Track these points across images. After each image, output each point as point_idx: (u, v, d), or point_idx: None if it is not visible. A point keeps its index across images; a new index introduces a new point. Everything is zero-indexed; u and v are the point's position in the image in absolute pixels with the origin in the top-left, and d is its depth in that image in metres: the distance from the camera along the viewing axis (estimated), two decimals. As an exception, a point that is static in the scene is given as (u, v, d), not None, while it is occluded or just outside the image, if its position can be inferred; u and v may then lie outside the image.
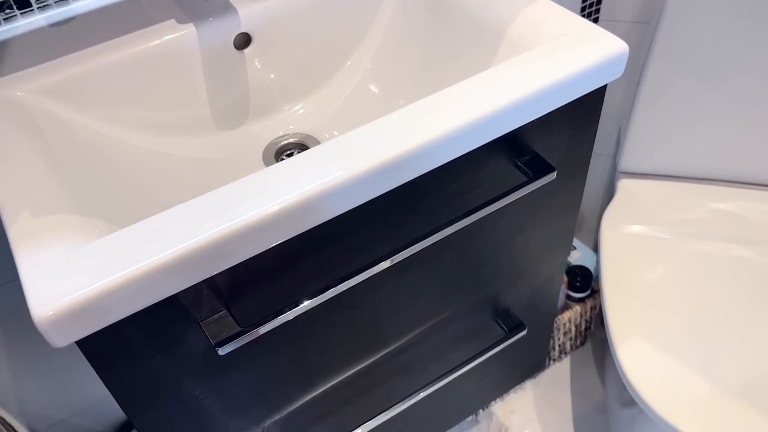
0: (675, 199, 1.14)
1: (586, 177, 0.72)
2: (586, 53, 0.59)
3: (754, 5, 0.94)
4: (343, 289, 0.56)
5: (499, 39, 0.65)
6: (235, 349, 0.56)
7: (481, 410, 1.34)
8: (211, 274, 0.48)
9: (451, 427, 0.96)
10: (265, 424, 0.68)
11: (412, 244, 0.58)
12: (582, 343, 1.45)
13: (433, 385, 0.78)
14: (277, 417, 0.68)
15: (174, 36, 0.68)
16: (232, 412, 0.63)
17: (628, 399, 1.28)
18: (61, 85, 0.65)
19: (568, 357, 1.44)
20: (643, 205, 1.14)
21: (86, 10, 0.66)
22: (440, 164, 0.55)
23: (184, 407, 0.58)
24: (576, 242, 1.43)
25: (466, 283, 0.73)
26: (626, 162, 1.17)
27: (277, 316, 0.54)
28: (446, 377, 0.78)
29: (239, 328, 0.53)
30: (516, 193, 0.62)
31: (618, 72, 0.62)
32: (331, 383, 0.70)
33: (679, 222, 1.11)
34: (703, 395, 0.91)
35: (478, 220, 0.66)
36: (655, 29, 1.02)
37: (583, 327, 1.38)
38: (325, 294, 0.55)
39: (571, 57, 0.58)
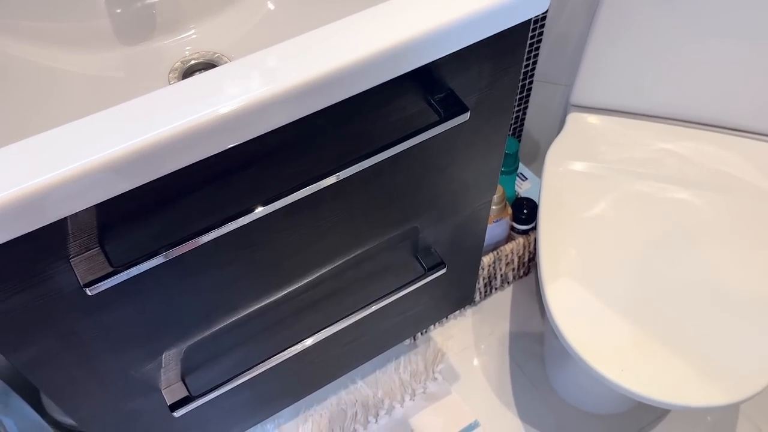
0: (623, 136, 1.11)
1: (510, 118, 0.68)
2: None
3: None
4: (233, 228, 0.53)
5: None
6: (111, 288, 0.54)
7: (420, 335, 1.35)
8: (80, 209, 0.45)
9: (378, 355, 0.96)
10: (162, 357, 0.66)
11: (311, 183, 0.55)
12: (525, 273, 1.45)
13: (348, 319, 0.77)
14: (174, 350, 0.67)
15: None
16: (120, 348, 0.61)
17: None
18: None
19: (511, 286, 1.45)
20: (590, 141, 1.11)
21: None
22: (346, 96, 0.50)
23: (64, 344, 0.56)
24: (528, 172, 1.41)
25: (380, 221, 0.70)
26: (577, 94, 1.12)
27: (154, 256, 0.50)
28: (361, 312, 0.77)
29: (111, 268, 0.50)
30: (426, 133, 0.58)
31: (542, 6, 0.57)
32: (232, 319, 0.68)
33: (624, 160, 1.08)
34: (625, 336, 0.91)
35: (389, 158, 0.62)
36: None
37: (526, 258, 1.38)
38: (211, 232, 0.52)
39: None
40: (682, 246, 0.99)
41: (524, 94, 1.39)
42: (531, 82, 1.37)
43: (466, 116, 0.59)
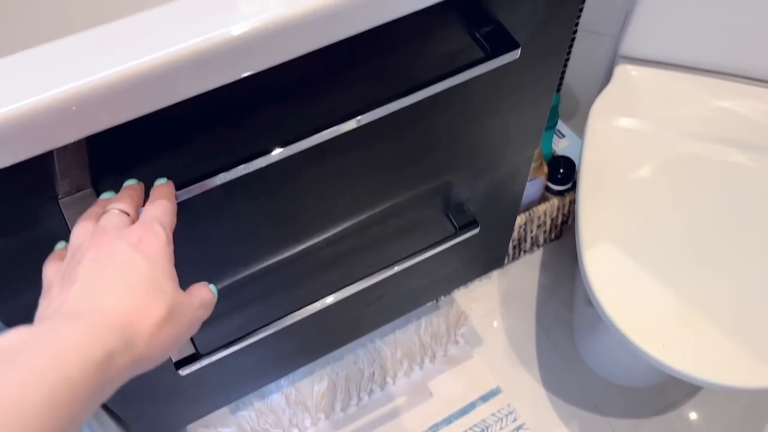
0: (676, 92, 1.01)
1: (564, 61, 0.60)
2: None
3: None
4: (246, 171, 0.47)
5: None
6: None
7: (443, 297, 1.29)
8: (73, 140, 0.38)
9: (400, 317, 0.91)
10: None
11: (336, 123, 0.48)
12: (557, 237, 1.38)
13: (371, 278, 0.71)
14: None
15: None
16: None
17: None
18: None
19: (541, 249, 1.38)
20: (639, 96, 1.02)
21: None
22: (378, 23, 0.43)
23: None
24: (566, 129, 1.32)
25: (411, 173, 0.63)
26: (627, 45, 1.03)
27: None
28: (385, 271, 0.71)
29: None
30: (470, 71, 0.50)
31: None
32: (245, 273, 0.62)
33: (676, 118, 0.99)
34: (668, 309, 0.84)
35: (426, 100, 0.54)
36: None
37: (559, 221, 1.30)
38: (221, 175, 0.46)
39: None
40: (736, 215, 0.91)
41: (566, 54, 1.29)
42: (575, 32, 1.27)
43: (517, 54, 0.51)
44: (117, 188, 0.44)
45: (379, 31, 0.46)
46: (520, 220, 1.22)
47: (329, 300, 0.70)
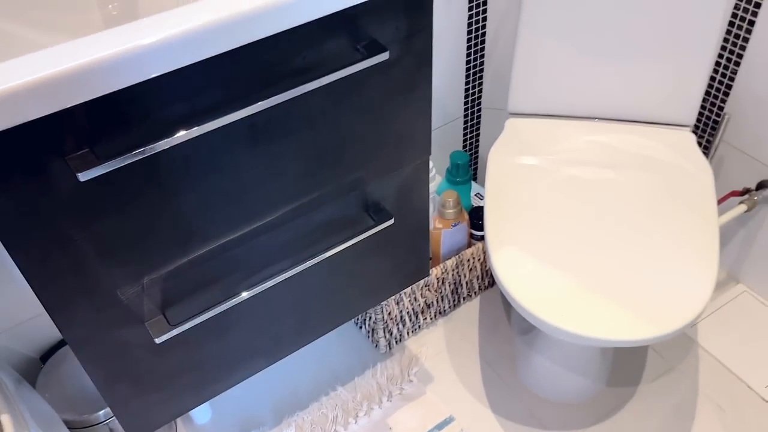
0: (553, 133, 1.26)
1: (431, 71, 0.84)
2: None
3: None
4: (189, 137, 0.67)
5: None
6: (98, 185, 0.66)
7: (395, 343, 1.44)
8: (73, 103, 0.58)
9: (342, 323, 1.06)
10: (144, 281, 0.77)
11: (248, 105, 0.68)
12: (491, 284, 1.56)
13: (306, 262, 0.88)
14: (154, 275, 0.78)
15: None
16: (107, 260, 0.72)
17: (526, 327, 1.39)
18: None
19: (478, 297, 1.55)
20: (525, 140, 1.26)
21: None
22: (279, 30, 0.66)
23: (60, 247, 0.68)
24: (481, 189, 1.55)
25: (328, 167, 0.83)
26: (512, 104, 1.29)
27: (133, 150, 0.64)
28: (314, 258, 0.88)
29: (99, 162, 0.63)
30: (351, 67, 0.73)
31: (437, -33, 0.73)
32: (197, 253, 0.79)
33: (556, 152, 1.23)
34: (564, 288, 1.02)
35: (325, 93, 0.76)
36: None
37: (487, 266, 1.49)
38: (175, 137, 0.66)
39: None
40: (607, 213, 1.12)
41: (475, 120, 1.56)
42: (479, 110, 1.55)
43: (386, 55, 0.74)
44: (110, 148, 0.64)
45: (282, 37, 0.68)
46: (451, 263, 1.40)
47: (269, 284, 0.87)
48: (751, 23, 1.25)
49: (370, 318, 1.39)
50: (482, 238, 1.44)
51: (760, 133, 1.33)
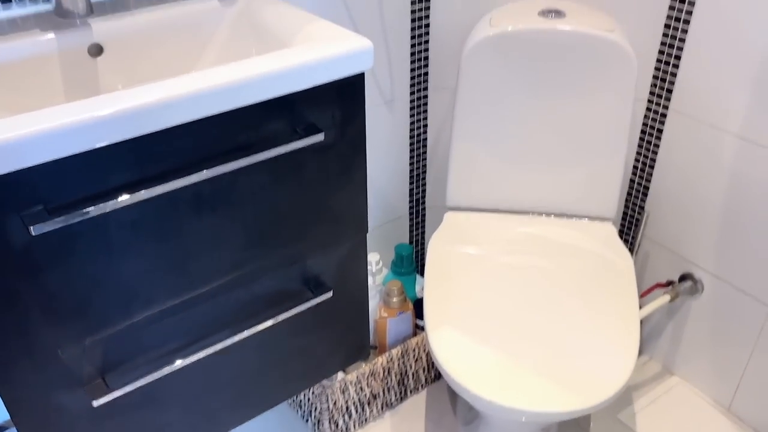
0: (487, 225, 1.36)
1: (365, 157, 0.93)
2: (335, 47, 0.82)
3: (524, 81, 1.23)
4: (133, 201, 0.74)
5: (281, 42, 0.89)
6: (48, 239, 0.71)
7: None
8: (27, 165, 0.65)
9: (287, 399, 1.08)
10: (86, 341, 0.81)
11: (192, 173, 0.76)
12: (437, 377, 1.59)
13: (243, 332, 0.92)
14: (96, 336, 0.81)
15: (36, 40, 0.89)
16: (50, 316, 0.76)
17: (470, 418, 1.42)
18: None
19: (425, 390, 1.57)
20: (462, 231, 1.35)
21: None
22: (226, 109, 0.75)
23: (7, 302, 0.72)
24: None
25: (263, 237, 0.90)
26: (450, 199, 1.39)
27: (82, 207, 0.70)
28: (255, 327, 0.93)
29: (51, 218, 0.69)
30: (288, 145, 0.82)
31: (367, 63, 0.85)
32: (140, 317, 0.84)
33: (490, 241, 1.32)
34: (496, 367, 1.07)
35: (268, 168, 0.84)
36: (454, 104, 1.29)
37: (433, 357, 1.53)
38: (132, 196, 0.72)
39: (321, 49, 0.81)
40: (540, 295, 1.19)
41: (419, 217, 1.66)
42: (424, 207, 1.65)
43: (321, 137, 0.84)
44: (64, 207, 0.70)
45: (232, 116, 0.77)
46: (397, 352, 1.44)
47: (211, 350, 0.91)
48: (660, 131, 1.41)
49: (316, 408, 1.40)
50: (426, 328, 1.49)
51: (677, 229, 1.45)
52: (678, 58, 1.32)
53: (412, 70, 1.44)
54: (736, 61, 1.22)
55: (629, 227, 1.56)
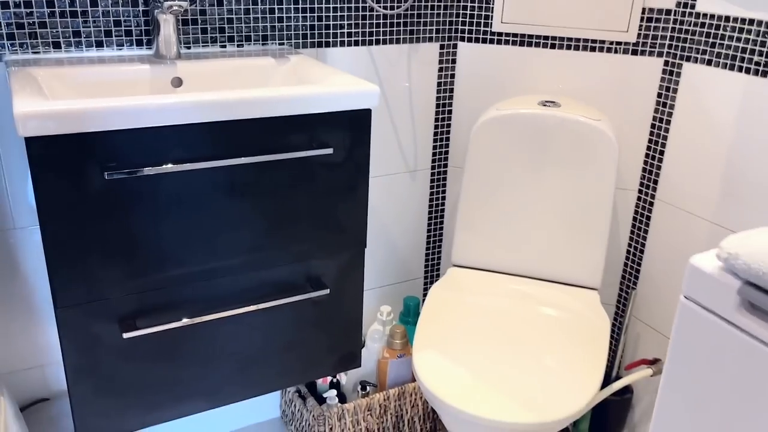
0: (485, 281, 1.54)
1: (367, 180, 1.17)
2: (346, 86, 1.09)
3: (521, 157, 1.47)
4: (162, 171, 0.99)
5: (313, 82, 1.17)
6: (116, 186, 0.97)
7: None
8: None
9: (272, 391, 1.25)
10: (127, 285, 1.04)
11: (229, 158, 1.02)
12: (431, 430, 1.69)
13: (250, 305, 1.13)
14: (135, 282, 1.04)
15: (137, 68, 1.20)
16: (105, 258, 1.00)
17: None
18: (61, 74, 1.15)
19: (419, 440, 1.68)
20: (461, 283, 1.53)
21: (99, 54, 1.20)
22: (265, 116, 1.02)
23: (76, 234, 0.97)
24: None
25: (278, 228, 1.13)
26: (454, 257, 1.59)
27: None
28: (260, 303, 1.13)
29: (120, 170, 0.95)
30: (303, 152, 1.07)
31: (373, 102, 1.11)
32: (175, 270, 1.06)
33: (484, 293, 1.49)
34: (469, 387, 1.21)
35: (284, 171, 1.09)
36: (463, 173, 1.53)
37: (430, 408, 1.65)
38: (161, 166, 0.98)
39: (336, 86, 1.09)
40: (519, 336, 1.34)
41: (433, 280, 1.84)
42: (438, 272, 1.84)
43: (330, 150, 1.09)
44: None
45: (265, 121, 1.04)
46: (394, 392, 1.58)
47: (203, 318, 1.11)
48: (648, 218, 1.58)
49: (313, 429, 1.54)
50: (425, 376, 1.63)
51: (664, 311, 1.57)
52: (662, 153, 1.53)
53: (434, 147, 1.70)
54: (708, 157, 1.42)
55: (624, 308, 1.69)
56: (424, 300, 1.88)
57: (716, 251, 0.69)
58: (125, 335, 1.04)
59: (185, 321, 1.09)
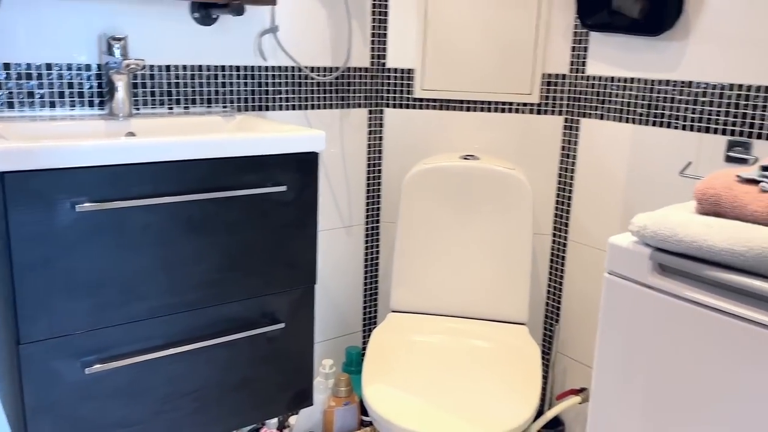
0: (422, 322, 1.64)
1: (316, 220, 1.27)
2: (294, 132, 1.21)
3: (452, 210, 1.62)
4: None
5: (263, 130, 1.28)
6: (85, 219, 1.02)
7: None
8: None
9: (233, 430, 1.26)
10: (88, 320, 1.06)
11: (191, 194, 1.10)
12: (379, 480, 1.71)
13: (206, 341, 1.17)
14: (97, 318, 1.07)
15: (92, 124, 1.28)
16: (68, 292, 1.03)
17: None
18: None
19: (367, 491, 1.69)
20: (400, 325, 1.62)
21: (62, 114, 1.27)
22: (221, 156, 1.11)
23: (42, 266, 1.00)
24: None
25: (233, 264, 1.20)
26: (392, 304, 1.69)
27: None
28: (216, 339, 1.18)
29: (90, 203, 1.01)
30: (258, 189, 1.16)
31: (320, 146, 1.23)
32: (137, 305, 1.10)
33: (422, 333, 1.59)
34: (415, 410, 1.28)
35: (239, 208, 1.17)
36: (397, 226, 1.66)
37: (376, 456, 1.68)
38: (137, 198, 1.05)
39: (287, 132, 1.20)
40: (457, 365, 1.43)
41: (371, 330, 1.92)
42: (376, 321, 1.92)
43: (283, 188, 1.19)
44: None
45: (220, 162, 1.13)
46: (341, 440, 1.61)
47: (178, 349, 1.15)
48: (563, 258, 1.75)
49: (264, 488, 1.53)
50: (371, 423, 1.67)
51: (584, 343, 1.71)
52: (570, 198, 1.72)
53: (367, 203, 1.83)
54: (608, 197, 1.62)
55: (549, 344, 1.82)
56: (365, 350, 1.94)
57: (629, 227, 0.84)
58: (87, 371, 1.06)
59: (146, 356, 1.11)
